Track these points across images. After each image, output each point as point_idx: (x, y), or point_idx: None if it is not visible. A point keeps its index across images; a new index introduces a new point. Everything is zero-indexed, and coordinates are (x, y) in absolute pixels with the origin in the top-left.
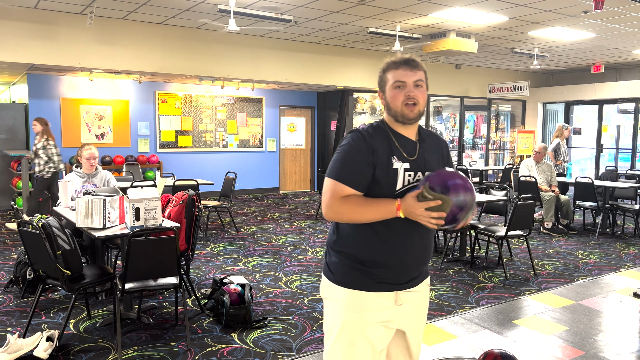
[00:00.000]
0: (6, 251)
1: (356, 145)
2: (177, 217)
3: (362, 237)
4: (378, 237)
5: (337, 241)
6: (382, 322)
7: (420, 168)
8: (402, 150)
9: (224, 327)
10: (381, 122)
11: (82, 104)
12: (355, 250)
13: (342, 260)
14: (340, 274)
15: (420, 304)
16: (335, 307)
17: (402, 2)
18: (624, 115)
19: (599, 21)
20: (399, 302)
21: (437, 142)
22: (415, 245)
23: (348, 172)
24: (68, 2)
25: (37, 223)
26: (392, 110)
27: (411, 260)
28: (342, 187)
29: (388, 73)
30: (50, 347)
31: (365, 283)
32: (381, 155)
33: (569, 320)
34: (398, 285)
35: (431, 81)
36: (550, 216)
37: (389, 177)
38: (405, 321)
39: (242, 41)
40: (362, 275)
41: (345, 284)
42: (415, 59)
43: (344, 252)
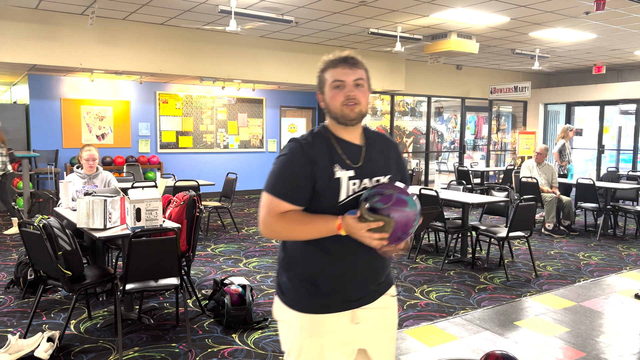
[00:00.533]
0: (7, 252)
1: (294, 156)
2: (178, 218)
3: (309, 254)
4: (326, 253)
5: (285, 259)
6: (340, 343)
7: (366, 175)
8: (346, 157)
9: (225, 328)
10: (322, 127)
11: (82, 104)
12: (304, 269)
13: (292, 280)
14: (291, 295)
15: (382, 320)
16: (289, 330)
17: (403, 2)
18: (625, 117)
19: (600, 22)
20: (355, 320)
21: (385, 144)
22: (367, 259)
23: (285, 186)
24: (69, 3)
25: (38, 223)
26: (332, 111)
27: (364, 275)
28: (279, 203)
29: (326, 72)
30: (51, 348)
31: (318, 305)
32: (322, 165)
33: (570, 322)
34: (353, 303)
35: (432, 82)
36: (551, 217)
37: (332, 188)
38: (367, 339)
39: (243, 42)
40: (313, 296)
41: (297, 307)
42: (354, 56)
43: (293, 270)
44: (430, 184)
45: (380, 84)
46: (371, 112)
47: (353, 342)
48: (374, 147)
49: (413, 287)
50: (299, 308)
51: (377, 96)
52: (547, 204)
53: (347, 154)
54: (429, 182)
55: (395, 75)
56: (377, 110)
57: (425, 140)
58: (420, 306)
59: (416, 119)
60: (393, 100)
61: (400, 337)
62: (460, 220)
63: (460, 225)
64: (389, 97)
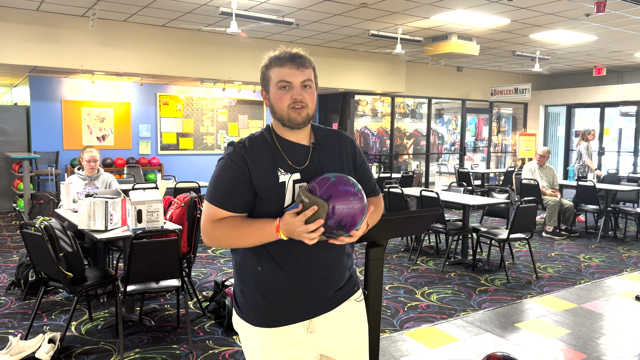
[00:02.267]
0: (8, 253)
1: (230, 162)
2: (179, 220)
3: (256, 264)
4: (273, 262)
5: (236, 269)
6: (299, 355)
7: (314, 176)
8: (289, 160)
9: (226, 330)
10: (266, 129)
11: (83, 106)
12: (253, 280)
13: (244, 292)
14: (245, 308)
15: (345, 329)
16: (248, 344)
17: (403, 4)
18: (625, 118)
19: (600, 24)
20: (311, 329)
21: (339, 142)
22: (317, 266)
23: (221, 193)
24: (70, 5)
25: (40, 225)
26: (277, 113)
27: (316, 284)
28: (216, 210)
29: (271, 70)
30: (52, 349)
31: (270, 318)
32: (263, 170)
33: (571, 324)
34: (308, 314)
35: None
36: (553, 221)
37: (277, 193)
38: (328, 346)
39: (244, 44)
40: (265, 309)
41: (251, 321)
42: (302, 54)
43: (244, 281)
44: (430, 186)
45: (381, 86)
46: (372, 114)
47: (313, 349)
48: (324, 146)
49: (414, 289)
50: (253, 322)
51: (378, 98)
52: (549, 208)
53: (292, 156)
54: (429, 184)
55: (395, 77)
56: (377, 112)
57: (425, 142)
58: (421, 308)
59: (417, 121)
60: (393, 102)
61: (401, 338)
62: (460, 222)
63: (460, 227)
64: (389, 98)
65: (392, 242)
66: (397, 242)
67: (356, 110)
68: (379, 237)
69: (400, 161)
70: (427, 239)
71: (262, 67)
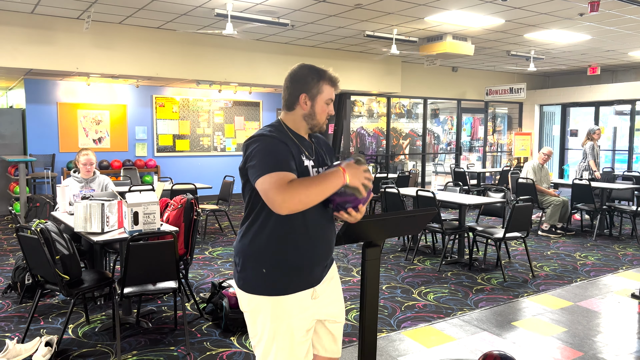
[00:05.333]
0: (4, 257)
1: (278, 140)
2: (176, 221)
3: (275, 241)
4: (291, 237)
5: (248, 252)
6: (306, 322)
7: (320, 164)
8: (305, 150)
9: (223, 331)
10: (279, 125)
11: (79, 108)
12: (270, 256)
13: (257, 269)
14: (259, 283)
15: (332, 288)
16: (259, 319)
17: (398, 5)
18: (620, 117)
19: (594, 23)
20: (315, 296)
21: (324, 141)
22: (324, 237)
23: (282, 160)
24: (65, 7)
25: (36, 228)
26: (315, 120)
27: (322, 253)
28: (285, 174)
29: (324, 85)
30: (49, 352)
31: (285, 287)
32: (294, 151)
33: (567, 322)
34: (314, 281)
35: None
36: (553, 220)
37: (304, 173)
38: (324, 310)
39: (239, 45)
40: (280, 279)
41: (266, 292)
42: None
43: (259, 260)
44: (427, 186)
45: (377, 87)
46: (368, 114)
47: (313, 316)
48: (317, 143)
49: (410, 289)
50: (267, 293)
51: (374, 98)
52: (553, 206)
53: (306, 148)
54: (425, 183)
55: (391, 77)
56: (373, 112)
57: (421, 142)
58: (418, 307)
59: (412, 121)
60: (389, 103)
61: (398, 338)
62: (457, 221)
63: (457, 227)
64: (385, 99)
65: (388, 242)
66: (393, 241)
67: (352, 111)
68: (376, 236)
69: (396, 161)
70: (424, 239)
71: (312, 75)
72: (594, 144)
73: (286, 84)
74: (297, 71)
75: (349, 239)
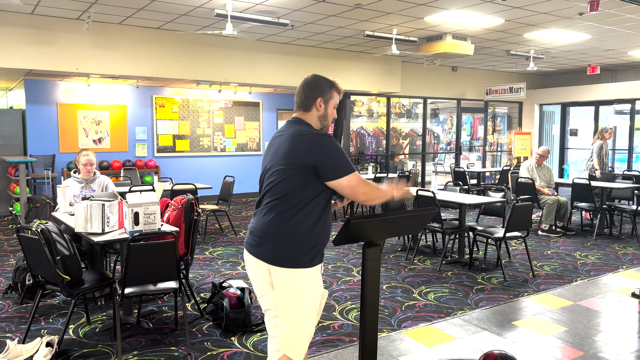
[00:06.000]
0: (4, 257)
1: (336, 142)
2: (176, 222)
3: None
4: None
5: (285, 233)
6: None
7: None
8: None
9: (224, 331)
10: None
11: (79, 109)
12: (305, 234)
13: (295, 246)
14: (298, 257)
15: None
16: (294, 290)
17: (398, 5)
18: (620, 116)
19: (594, 23)
20: (323, 268)
21: None
22: (331, 225)
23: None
24: (65, 8)
25: (36, 228)
26: (326, 121)
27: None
28: (359, 175)
29: (334, 93)
30: (50, 353)
31: (317, 258)
32: None
33: (567, 321)
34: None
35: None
36: (549, 220)
37: None
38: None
39: (239, 45)
40: (313, 252)
41: (302, 264)
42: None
43: (295, 238)
44: (427, 185)
45: (376, 86)
46: (367, 114)
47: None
48: None
49: (411, 288)
50: (303, 265)
51: (374, 98)
52: (548, 206)
53: None
54: (425, 183)
55: (391, 77)
56: (373, 112)
57: (421, 141)
58: (419, 307)
59: (412, 121)
60: (389, 102)
61: (399, 338)
62: (457, 221)
63: (457, 226)
64: (385, 99)
65: (389, 242)
66: (394, 241)
67: (352, 111)
68: (376, 236)
69: (396, 161)
70: (424, 239)
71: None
72: (603, 144)
73: (302, 89)
74: (312, 79)
75: (349, 239)
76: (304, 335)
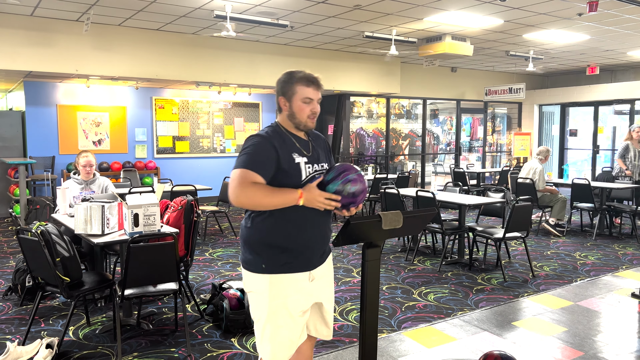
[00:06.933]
0: (4, 259)
1: (262, 143)
2: (176, 223)
3: (275, 224)
4: (290, 222)
5: (252, 234)
6: (302, 302)
7: (315, 161)
8: (301, 148)
9: (224, 332)
10: (276, 125)
11: (79, 110)
12: (271, 238)
13: (260, 250)
14: (260, 262)
15: (328, 275)
16: (259, 297)
17: (397, 6)
18: (619, 117)
19: (593, 23)
20: (311, 278)
21: (322, 140)
22: (320, 230)
23: (257, 161)
24: (64, 10)
25: (36, 230)
26: (296, 119)
27: (319, 240)
28: (253, 175)
29: (298, 86)
30: (50, 355)
31: (284, 266)
32: (284, 152)
33: (567, 321)
34: (311, 265)
35: (427, 84)
36: (561, 215)
37: (294, 170)
38: (320, 293)
39: (239, 46)
40: (280, 259)
41: (266, 270)
42: (320, 80)
43: (261, 241)
44: (426, 186)
45: (376, 87)
46: (367, 115)
47: (311, 298)
48: (315, 141)
49: (411, 289)
50: (267, 271)
51: (373, 99)
52: (561, 202)
53: (301, 145)
54: (425, 184)
55: (390, 78)
56: (373, 113)
57: (421, 142)
58: (418, 308)
59: (412, 122)
60: (389, 103)
61: (399, 339)
62: (457, 221)
63: (457, 227)
64: (384, 100)
65: (388, 243)
66: (393, 242)
67: (352, 112)
68: (376, 237)
69: (396, 162)
70: (424, 239)
71: (285, 80)
72: (630, 144)
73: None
74: (278, 78)
75: (349, 240)
76: (274, 341)
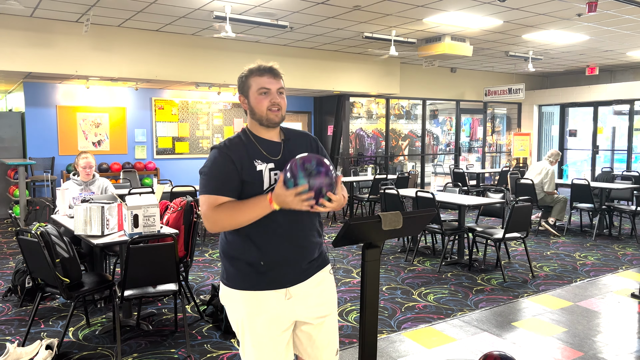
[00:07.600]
0: (4, 260)
1: (217, 159)
2: (176, 224)
3: (243, 241)
4: (259, 238)
5: (226, 247)
6: (278, 320)
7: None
8: (265, 152)
9: (224, 333)
10: (242, 131)
11: (78, 111)
12: (241, 254)
13: (232, 264)
14: (233, 277)
15: (317, 295)
16: (235, 313)
17: (397, 7)
18: (618, 117)
19: (592, 24)
20: (288, 296)
21: (306, 140)
22: (295, 238)
23: (216, 183)
24: (64, 10)
25: (36, 231)
26: (257, 114)
27: (293, 257)
28: (215, 198)
29: (251, 79)
30: (50, 356)
31: (255, 283)
32: (243, 161)
33: (567, 322)
34: (286, 283)
35: (427, 85)
36: (561, 215)
37: (256, 179)
38: (303, 312)
39: (238, 47)
40: (251, 275)
41: (238, 286)
42: (277, 68)
43: (233, 256)
44: (426, 187)
45: (376, 88)
46: (367, 116)
47: (290, 316)
48: (293, 142)
49: (410, 290)
50: (239, 287)
51: (373, 100)
52: (560, 202)
53: (267, 149)
54: (425, 184)
55: (390, 78)
56: (372, 113)
57: (420, 143)
58: (418, 308)
59: (411, 122)
60: (388, 104)
61: (399, 339)
62: (456, 222)
63: (456, 227)
64: (384, 100)
65: (388, 243)
66: (393, 243)
67: (351, 112)
68: (375, 238)
69: (395, 162)
70: (424, 240)
71: (241, 77)
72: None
73: None
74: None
75: (348, 241)
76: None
